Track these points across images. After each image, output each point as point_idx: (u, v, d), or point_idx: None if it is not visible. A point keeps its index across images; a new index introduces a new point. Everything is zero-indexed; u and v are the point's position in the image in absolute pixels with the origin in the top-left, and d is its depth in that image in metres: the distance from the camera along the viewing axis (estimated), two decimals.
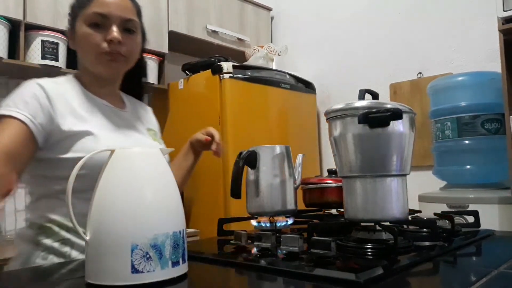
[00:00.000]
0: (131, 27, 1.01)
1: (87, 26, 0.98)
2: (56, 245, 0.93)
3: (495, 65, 1.88)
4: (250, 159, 0.95)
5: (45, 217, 0.96)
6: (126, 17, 0.99)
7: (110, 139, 0.97)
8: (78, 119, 0.96)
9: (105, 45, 0.97)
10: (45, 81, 0.98)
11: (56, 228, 0.94)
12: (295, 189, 0.98)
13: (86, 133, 0.94)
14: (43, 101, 0.94)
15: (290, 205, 0.96)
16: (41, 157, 0.95)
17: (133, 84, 1.18)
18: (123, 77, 1.11)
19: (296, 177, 0.99)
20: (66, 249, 0.93)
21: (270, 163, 0.95)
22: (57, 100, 0.96)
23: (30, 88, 0.96)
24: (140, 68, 1.16)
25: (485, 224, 1.02)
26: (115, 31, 0.97)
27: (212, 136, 1.19)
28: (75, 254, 0.93)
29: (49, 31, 1.86)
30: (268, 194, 0.94)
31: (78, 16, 1.00)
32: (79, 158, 0.87)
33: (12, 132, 0.89)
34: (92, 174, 0.65)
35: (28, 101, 0.93)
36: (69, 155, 0.92)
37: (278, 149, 0.97)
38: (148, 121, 1.18)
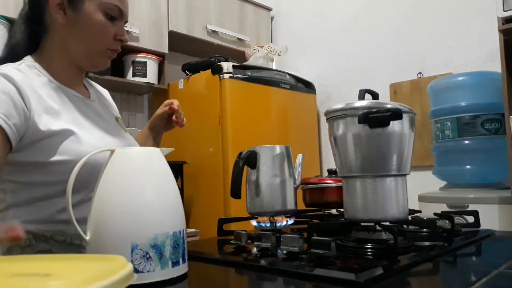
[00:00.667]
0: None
1: (104, 15, 0.90)
2: None
3: (495, 65, 1.88)
4: (250, 159, 0.95)
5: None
6: (127, 15, 0.97)
7: (90, 137, 0.88)
8: (53, 116, 0.85)
9: (114, 42, 0.93)
10: (12, 71, 0.84)
11: (33, 241, 0.84)
12: (295, 189, 0.98)
13: (66, 133, 0.85)
14: (15, 97, 0.81)
15: (290, 205, 0.95)
16: (14, 160, 0.84)
17: None
18: None
19: (296, 177, 0.99)
20: None
21: (270, 163, 0.95)
22: (30, 95, 0.83)
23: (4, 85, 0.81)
24: None
25: (485, 224, 1.02)
26: (124, 32, 0.95)
27: (171, 105, 1.11)
28: None
29: None
30: (268, 194, 0.94)
31: None
32: (65, 161, 0.83)
33: None
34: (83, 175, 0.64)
35: (1, 98, 0.79)
36: (53, 158, 0.83)
37: (278, 149, 0.97)
38: (112, 108, 1.10)
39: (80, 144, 0.85)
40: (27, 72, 0.87)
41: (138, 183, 0.62)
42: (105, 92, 1.13)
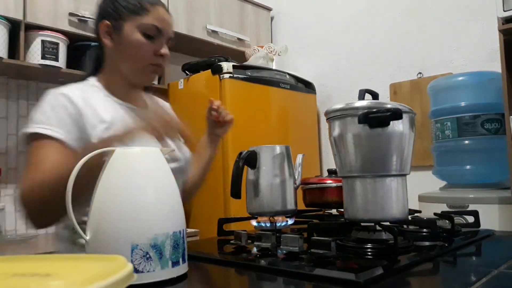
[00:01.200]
0: (170, 44, 1.07)
1: (142, 34, 1.00)
2: None
3: (495, 65, 1.88)
4: (250, 159, 0.95)
5: (78, 219, 0.94)
6: (171, 35, 1.06)
7: (138, 142, 0.95)
8: (106, 126, 0.96)
9: (154, 57, 1.02)
10: (70, 90, 0.98)
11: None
12: (295, 189, 0.98)
13: None
14: (73, 113, 0.94)
15: (290, 205, 0.95)
16: None
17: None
18: None
19: (296, 177, 0.99)
20: None
21: (270, 163, 0.95)
22: (86, 110, 0.96)
23: (58, 101, 0.95)
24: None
25: (485, 224, 1.02)
26: (165, 47, 1.04)
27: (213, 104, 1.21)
28: None
29: (49, 31, 1.86)
30: (268, 194, 0.94)
31: (128, 20, 1.01)
32: None
33: (55, 155, 0.88)
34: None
35: (60, 116, 0.93)
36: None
37: (278, 149, 0.97)
38: None
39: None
40: (86, 90, 1.02)
41: (138, 183, 0.62)
42: (165, 105, 1.24)
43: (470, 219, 1.02)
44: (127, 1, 1.02)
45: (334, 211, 1.11)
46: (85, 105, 0.97)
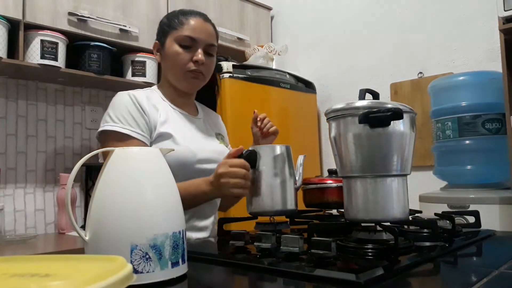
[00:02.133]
0: (211, 51, 1.19)
1: (178, 45, 1.14)
2: None
3: (496, 65, 1.88)
4: (250, 159, 0.95)
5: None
6: (209, 42, 1.17)
7: (184, 140, 1.13)
8: (161, 124, 1.12)
9: (191, 64, 1.14)
10: (138, 94, 1.13)
11: None
12: (296, 189, 0.98)
13: (167, 135, 1.10)
14: (139, 109, 1.09)
15: (291, 205, 0.95)
16: None
17: (208, 96, 1.38)
18: (201, 91, 1.28)
19: (297, 177, 0.99)
20: None
21: (270, 162, 0.95)
22: (149, 109, 1.11)
23: (129, 101, 1.10)
24: (215, 83, 1.37)
25: (486, 224, 1.02)
26: (200, 54, 1.14)
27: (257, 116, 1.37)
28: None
29: (49, 31, 1.86)
30: (268, 194, 0.94)
31: (169, 35, 1.16)
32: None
33: None
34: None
35: (134, 116, 1.08)
36: None
37: (278, 149, 0.97)
38: (217, 127, 1.35)
39: (174, 143, 1.10)
40: (150, 95, 1.18)
41: (138, 183, 0.62)
42: (214, 116, 1.39)
43: (471, 219, 1.02)
44: (169, 20, 1.18)
45: (334, 212, 1.11)
46: (149, 106, 1.12)
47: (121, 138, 1.06)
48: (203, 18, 1.19)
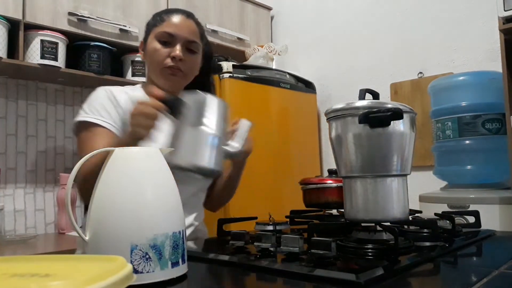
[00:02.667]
0: (193, 48, 1.15)
1: (157, 42, 1.12)
2: None
3: (496, 65, 1.88)
4: (172, 105, 0.86)
5: None
6: (190, 38, 1.14)
7: (161, 138, 1.01)
8: None
9: (168, 60, 1.11)
10: (115, 88, 1.14)
11: None
12: (229, 154, 0.94)
13: None
14: (118, 106, 1.09)
15: (210, 164, 0.84)
16: None
17: None
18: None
19: (235, 142, 0.94)
20: None
21: (196, 113, 0.84)
22: (126, 105, 1.09)
23: (103, 94, 1.11)
24: (208, 84, 1.30)
25: (486, 224, 1.02)
26: (178, 50, 1.11)
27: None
28: None
29: (49, 31, 1.86)
30: (186, 147, 0.83)
31: (151, 32, 1.15)
32: None
33: (105, 140, 1.01)
34: None
35: (107, 107, 1.08)
36: None
37: (211, 100, 0.89)
38: None
39: (153, 142, 1.00)
40: (131, 92, 1.17)
41: (138, 183, 0.62)
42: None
43: (471, 219, 1.01)
44: (153, 18, 1.18)
45: (334, 212, 1.11)
46: (125, 99, 1.11)
47: (90, 128, 1.06)
48: (185, 15, 1.17)
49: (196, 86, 1.22)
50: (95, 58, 2.00)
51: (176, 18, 1.14)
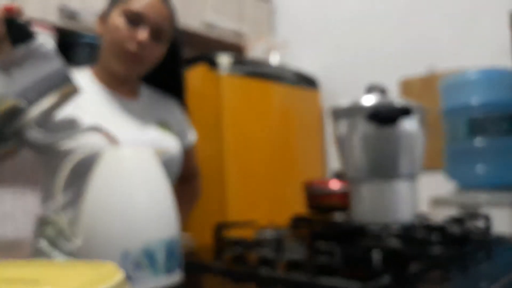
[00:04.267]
0: (161, 35, 1.04)
1: (122, 19, 1.01)
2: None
3: (506, 60, 1.88)
4: (18, 32, 0.78)
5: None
6: (160, 24, 1.03)
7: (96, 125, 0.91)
8: (75, 107, 0.94)
9: (132, 44, 1.00)
10: None
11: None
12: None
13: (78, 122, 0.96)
14: None
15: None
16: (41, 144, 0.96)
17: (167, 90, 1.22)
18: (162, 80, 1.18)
19: None
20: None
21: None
22: None
23: None
24: (175, 80, 1.22)
25: (497, 227, 1.02)
26: (145, 34, 1.00)
27: None
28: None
29: (38, 25, 1.86)
30: None
31: (116, 5, 1.03)
32: (70, 150, 0.93)
33: None
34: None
35: None
36: (61, 147, 0.94)
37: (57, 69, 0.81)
38: (163, 114, 1.16)
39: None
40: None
41: (130, 187, 0.62)
42: (168, 102, 1.21)
43: (482, 223, 1.02)
44: None
45: (339, 216, 1.11)
46: None
47: None
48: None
49: (160, 79, 1.17)
50: (86, 53, 2.00)
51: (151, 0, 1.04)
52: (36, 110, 0.76)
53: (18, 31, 0.76)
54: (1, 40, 0.74)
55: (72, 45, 1.98)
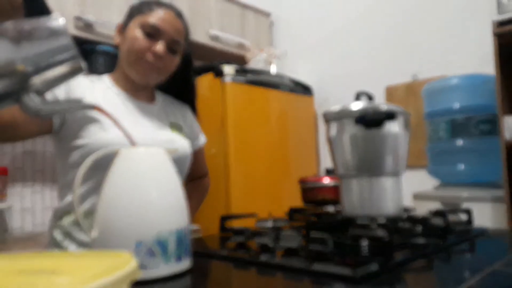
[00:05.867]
0: (176, 48, 1.04)
1: (140, 31, 1.00)
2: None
3: (489, 68, 1.88)
4: (34, 7, 0.74)
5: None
6: (175, 38, 1.03)
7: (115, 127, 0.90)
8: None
9: (149, 55, 1.00)
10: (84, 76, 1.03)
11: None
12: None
13: (93, 119, 0.94)
14: (67, 86, 0.96)
15: None
16: (59, 145, 0.98)
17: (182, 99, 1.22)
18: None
19: None
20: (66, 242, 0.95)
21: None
22: (77, 88, 0.97)
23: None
24: (188, 89, 1.21)
25: (478, 222, 1.02)
26: (161, 46, 1.00)
27: None
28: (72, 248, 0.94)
29: None
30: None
31: (135, 18, 1.02)
32: (84, 146, 0.92)
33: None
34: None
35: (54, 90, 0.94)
36: (75, 142, 0.94)
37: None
38: (176, 117, 1.16)
39: (101, 129, 0.94)
40: (93, 79, 1.05)
41: (143, 182, 0.62)
42: (179, 105, 1.20)
43: (464, 217, 1.02)
44: (140, 4, 1.05)
45: (331, 209, 1.11)
46: (78, 83, 0.99)
47: None
48: (175, 13, 1.05)
49: (174, 88, 1.17)
50: (101, 62, 2.01)
51: (165, 13, 1.03)
52: (40, 78, 0.74)
53: (33, 3, 0.73)
54: (17, 8, 0.70)
55: (88, 53, 1.99)
